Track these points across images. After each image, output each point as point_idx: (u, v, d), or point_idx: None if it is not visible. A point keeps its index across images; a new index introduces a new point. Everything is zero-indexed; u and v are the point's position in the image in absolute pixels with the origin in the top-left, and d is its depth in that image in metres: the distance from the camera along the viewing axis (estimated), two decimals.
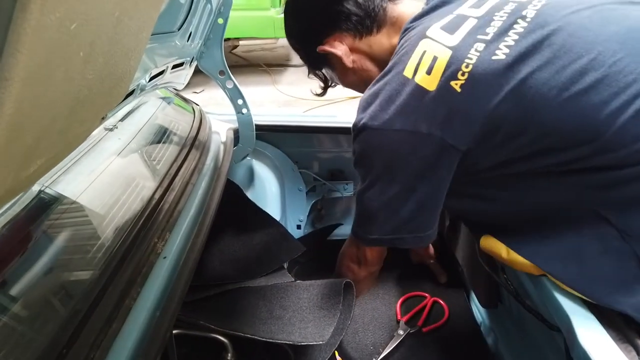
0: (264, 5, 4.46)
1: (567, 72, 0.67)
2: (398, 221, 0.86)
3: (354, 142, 0.84)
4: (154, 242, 0.79)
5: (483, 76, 0.70)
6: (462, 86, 0.71)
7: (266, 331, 0.89)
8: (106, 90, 0.56)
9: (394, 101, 0.77)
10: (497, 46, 0.71)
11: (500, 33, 0.73)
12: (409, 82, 0.76)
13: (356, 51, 0.96)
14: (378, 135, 0.79)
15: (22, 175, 0.44)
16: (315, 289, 1.01)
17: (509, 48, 0.70)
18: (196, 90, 4.55)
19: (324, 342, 0.85)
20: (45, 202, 0.76)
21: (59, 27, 0.36)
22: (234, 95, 1.38)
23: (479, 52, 0.72)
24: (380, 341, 1.24)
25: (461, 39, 0.74)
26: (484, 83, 0.70)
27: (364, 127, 0.80)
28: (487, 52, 0.71)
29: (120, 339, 0.60)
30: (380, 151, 0.80)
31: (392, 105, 0.77)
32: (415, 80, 0.75)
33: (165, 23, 0.92)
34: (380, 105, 0.78)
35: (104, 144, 1.03)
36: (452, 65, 0.72)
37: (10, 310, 0.59)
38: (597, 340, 0.69)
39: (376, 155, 0.81)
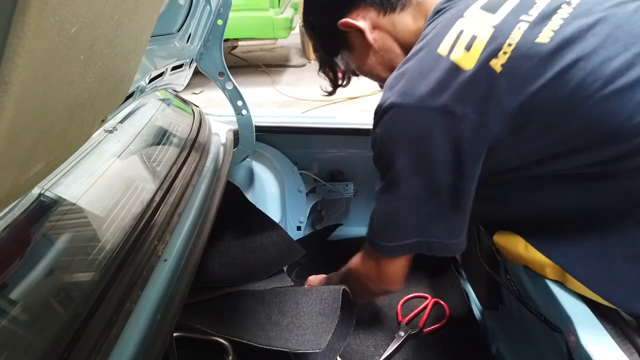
0: (262, 6, 4.46)
1: (613, 64, 0.63)
2: (424, 220, 0.77)
3: (377, 126, 0.76)
4: (154, 244, 0.79)
5: (525, 58, 0.66)
6: (503, 65, 0.66)
7: (264, 337, 0.88)
8: (106, 93, 0.56)
9: (426, 78, 0.71)
10: (541, 29, 0.67)
11: (544, 16, 0.69)
12: (443, 60, 0.71)
13: (379, 28, 0.91)
14: (407, 114, 0.72)
15: (22, 178, 0.44)
16: (314, 294, 1.01)
17: (554, 32, 0.67)
18: (195, 91, 4.55)
19: (321, 350, 0.84)
20: (45, 205, 0.76)
21: (59, 31, 0.36)
22: (233, 96, 1.37)
23: (522, 32, 0.68)
24: (381, 342, 1.24)
25: (503, 18, 0.70)
26: (526, 65, 0.66)
27: (390, 106, 0.73)
28: (531, 34, 0.67)
29: (120, 343, 0.60)
30: (407, 134, 0.72)
31: (424, 82, 0.70)
32: (451, 57, 0.70)
33: (164, 25, 0.92)
34: (411, 82, 0.72)
35: (104, 146, 1.03)
36: (493, 43, 0.68)
37: (10, 313, 0.59)
38: (599, 341, 0.69)
39: (402, 139, 0.73)
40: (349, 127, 1.51)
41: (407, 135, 0.73)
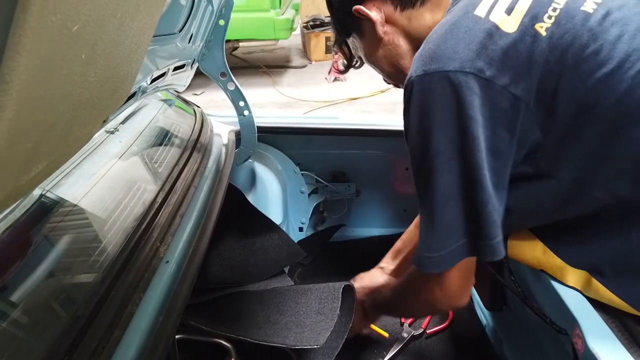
0: (263, 7, 4.45)
1: None
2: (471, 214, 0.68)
3: (406, 105, 0.69)
4: (156, 246, 0.79)
5: (571, 24, 0.62)
6: (547, 30, 0.62)
7: (262, 334, 0.88)
8: (108, 93, 0.56)
9: (463, 40, 0.64)
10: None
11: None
12: (482, 21, 0.65)
13: (392, 23, 0.87)
14: (441, 81, 0.64)
15: (23, 179, 0.43)
16: (313, 293, 1.00)
17: (597, 4, 0.64)
18: (196, 92, 4.55)
19: (319, 346, 0.83)
20: (46, 206, 0.75)
21: (60, 29, 0.35)
22: (235, 97, 1.37)
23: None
24: (383, 345, 1.23)
25: None
26: (571, 32, 0.62)
27: (423, 73, 0.65)
28: (576, 1, 0.64)
29: (122, 346, 0.59)
30: (441, 103, 0.64)
31: (461, 45, 0.64)
32: (491, 19, 0.65)
33: (166, 25, 0.91)
34: (445, 46, 0.65)
35: (105, 147, 1.02)
36: (537, 6, 0.64)
37: (11, 316, 0.58)
38: (605, 343, 0.68)
39: (439, 109, 0.65)
40: (351, 128, 1.51)
41: (441, 105, 0.65)
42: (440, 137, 0.66)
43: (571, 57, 0.62)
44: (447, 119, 0.65)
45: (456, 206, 0.68)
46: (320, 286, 1.03)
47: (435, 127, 0.66)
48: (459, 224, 0.69)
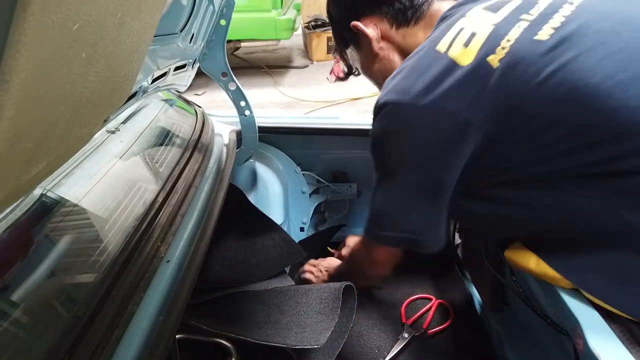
0: (265, 7, 4.45)
1: (614, 58, 0.62)
2: (416, 216, 0.80)
3: (374, 121, 0.79)
4: (157, 245, 0.79)
5: (523, 54, 0.65)
6: (500, 61, 0.66)
7: (262, 334, 0.88)
8: (108, 93, 0.55)
9: (422, 75, 0.71)
10: (541, 27, 0.67)
11: (545, 14, 0.69)
12: (441, 57, 0.71)
13: (388, 40, 0.93)
14: (401, 111, 0.73)
15: (23, 179, 0.43)
16: (314, 294, 1.00)
17: (554, 29, 0.66)
18: (198, 92, 4.55)
19: (319, 346, 0.83)
20: (46, 206, 0.75)
21: (60, 28, 0.35)
22: (236, 97, 1.37)
23: (521, 30, 0.68)
24: (385, 344, 1.23)
25: (504, 17, 0.71)
26: (523, 62, 0.65)
27: (385, 103, 0.74)
28: (530, 32, 0.67)
29: (123, 346, 0.59)
30: (399, 130, 0.74)
31: (420, 80, 0.71)
32: (449, 54, 0.70)
33: (167, 24, 0.91)
34: (407, 79, 0.73)
35: (106, 146, 1.02)
36: (491, 40, 0.68)
37: (11, 316, 0.58)
38: (606, 344, 0.68)
39: (395, 135, 0.75)
40: (352, 128, 1.51)
41: (398, 132, 0.74)
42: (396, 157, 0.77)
43: (524, 84, 0.65)
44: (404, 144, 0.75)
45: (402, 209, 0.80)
46: (321, 286, 1.03)
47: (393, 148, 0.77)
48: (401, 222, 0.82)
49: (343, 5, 0.97)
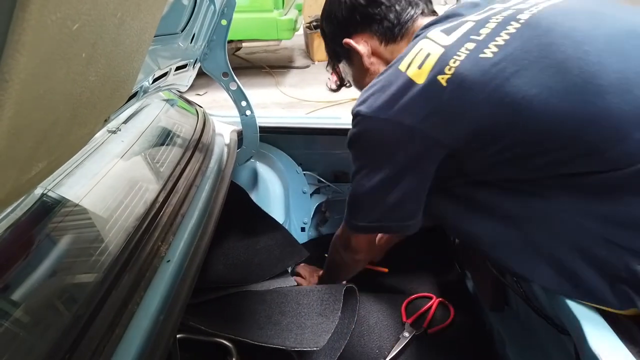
0: (266, 7, 4.45)
1: (551, 71, 0.67)
2: (383, 209, 0.88)
3: (351, 128, 0.87)
4: (158, 245, 0.79)
5: (469, 72, 0.71)
6: (448, 80, 0.72)
7: (262, 335, 0.88)
8: (108, 92, 0.56)
9: (385, 91, 0.79)
10: (487, 45, 0.73)
11: (492, 34, 0.74)
12: (401, 75, 0.79)
13: (377, 55, 1.00)
14: (368, 122, 0.81)
15: (24, 178, 0.43)
16: (315, 295, 1.00)
17: (498, 47, 0.72)
18: (199, 92, 4.55)
19: (318, 348, 0.83)
20: (47, 205, 0.76)
21: (60, 28, 0.35)
22: (237, 97, 1.37)
23: (468, 51, 0.74)
24: (385, 344, 1.23)
25: (455, 40, 0.77)
26: (469, 79, 0.71)
27: (357, 113, 0.83)
28: (476, 51, 0.73)
29: (123, 345, 0.59)
30: (368, 138, 0.83)
31: (383, 95, 0.79)
32: (407, 73, 0.78)
33: (168, 24, 0.91)
34: (374, 95, 0.81)
35: (107, 146, 1.02)
36: (441, 61, 0.74)
37: (12, 315, 0.58)
38: (607, 344, 0.68)
39: (365, 141, 0.85)
40: None
41: (369, 139, 0.84)
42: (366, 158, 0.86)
43: (470, 98, 0.71)
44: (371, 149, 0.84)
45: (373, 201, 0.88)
46: (322, 287, 1.03)
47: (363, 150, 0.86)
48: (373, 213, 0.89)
49: (336, 22, 1.03)
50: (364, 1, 0.97)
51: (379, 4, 0.96)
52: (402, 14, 0.96)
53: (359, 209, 0.92)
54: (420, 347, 1.22)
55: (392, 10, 0.96)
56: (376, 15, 0.96)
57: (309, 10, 5.79)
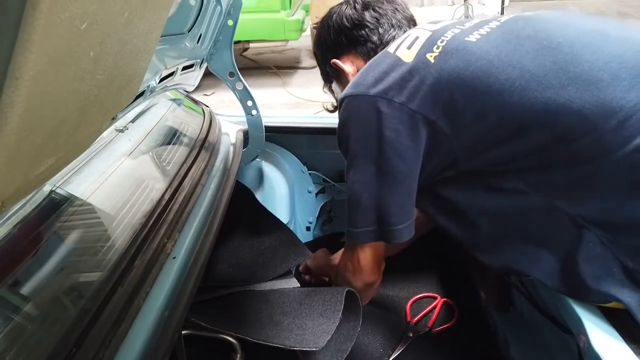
0: (274, 8, 4.47)
1: (529, 57, 0.72)
2: (381, 205, 0.85)
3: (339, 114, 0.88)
4: (164, 242, 0.80)
5: (455, 50, 0.77)
6: (435, 57, 0.78)
7: (263, 334, 0.88)
8: (116, 91, 0.57)
9: (374, 71, 0.83)
10: (472, 32, 0.80)
11: (475, 27, 0.82)
12: (389, 55, 0.84)
13: None
14: (355, 102, 0.83)
15: (32, 174, 0.44)
16: (317, 296, 1.00)
17: (481, 35, 0.79)
18: (207, 92, 4.57)
19: (318, 348, 0.83)
20: (56, 202, 0.77)
21: (69, 27, 0.36)
22: (243, 96, 1.38)
23: (454, 33, 0.81)
24: (389, 343, 1.23)
25: (441, 27, 0.85)
26: (455, 57, 0.76)
27: (343, 97, 0.85)
28: (461, 35, 0.80)
29: (129, 339, 0.60)
30: (356, 120, 0.83)
31: (371, 74, 0.83)
32: (396, 53, 0.83)
33: (175, 24, 0.92)
34: (361, 76, 0.85)
35: (115, 144, 1.04)
36: (429, 41, 0.81)
37: (20, 309, 0.59)
38: (610, 343, 0.68)
39: (352, 124, 0.84)
40: None
41: (356, 121, 0.84)
42: (356, 144, 0.84)
43: (456, 76, 0.75)
44: (360, 130, 0.83)
45: (369, 198, 0.85)
46: (324, 289, 1.03)
47: (352, 136, 0.85)
48: (370, 213, 0.86)
49: (325, 46, 1.10)
50: (350, 24, 1.03)
51: (363, 27, 1.02)
52: (384, 35, 1.02)
53: (357, 211, 0.89)
54: (424, 347, 1.22)
55: (376, 32, 1.02)
56: (360, 37, 1.03)
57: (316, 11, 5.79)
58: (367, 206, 0.87)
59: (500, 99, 0.72)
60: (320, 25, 1.12)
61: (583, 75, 0.69)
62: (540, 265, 0.78)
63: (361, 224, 0.89)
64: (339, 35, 1.05)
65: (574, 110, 0.68)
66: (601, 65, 0.69)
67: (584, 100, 0.68)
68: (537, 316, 0.98)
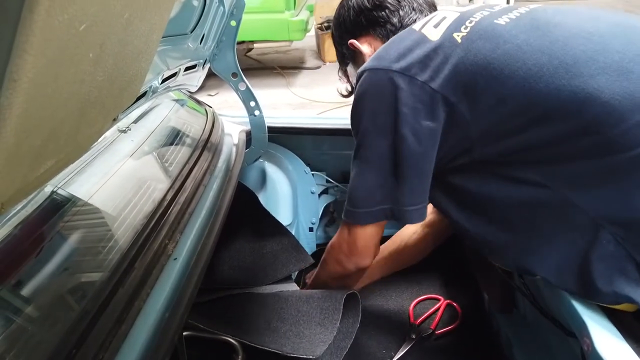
0: (278, 8, 4.47)
1: (558, 44, 0.70)
2: (390, 185, 0.83)
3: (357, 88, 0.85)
4: (165, 243, 0.80)
5: (483, 32, 0.75)
6: (463, 38, 0.76)
7: (260, 340, 0.88)
8: (117, 92, 0.57)
9: (397, 46, 0.81)
10: (500, 16, 0.78)
11: (503, 10, 0.81)
12: (414, 32, 0.82)
13: None
14: (375, 75, 0.81)
15: (32, 175, 0.44)
16: (315, 302, 0.99)
17: (510, 19, 0.77)
18: (211, 93, 4.58)
19: (315, 357, 0.83)
20: (58, 203, 0.77)
21: (67, 28, 0.36)
22: (246, 97, 1.38)
23: (482, 15, 0.80)
24: (392, 345, 1.23)
25: (469, 9, 0.84)
26: (483, 38, 0.75)
27: (363, 70, 0.83)
28: (490, 17, 0.78)
29: (129, 340, 0.60)
30: (373, 92, 0.81)
31: (394, 49, 0.81)
32: (422, 31, 0.81)
33: (177, 25, 0.92)
34: (384, 50, 0.83)
35: (117, 145, 1.04)
36: (458, 21, 0.79)
37: (21, 309, 0.59)
38: (613, 346, 0.67)
39: (369, 98, 0.82)
40: None
41: (372, 94, 0.81)
42: (369, 120, 0.82)
43: (482, 57, 0.73)
44: (375, 105, 0.81)
45: (378, 177, 0.83)
46: (322, 294, 1.01)
47: (366, 110, 0.82)
48: (378, 192, 0.84)
49: (344, 27, 1.09)
50: (370, 5, 1.02)
51: (384, 8, 1.01)
52: (405, 17, 1.01)
53: (359, 191, 0.86)
54: (427, 349, 1.22)
55: (396, 14, 1.01)
56: (380, 18, 1.02)
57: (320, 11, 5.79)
58: (374, 185, 0.84)
59: (526, 85, 0.70)
60: (340, 6, 1.11)
61: (613, 66, 0.67)
62: (549, 263, 0.77)
63: (366, 203, 0.86)
64: (358, 16, 1.04)
65: (602, 101, 0.65)
66: (632, 57, 0.67)
67: (613, 91, 0.65)
68: (540, 319, 0.97)
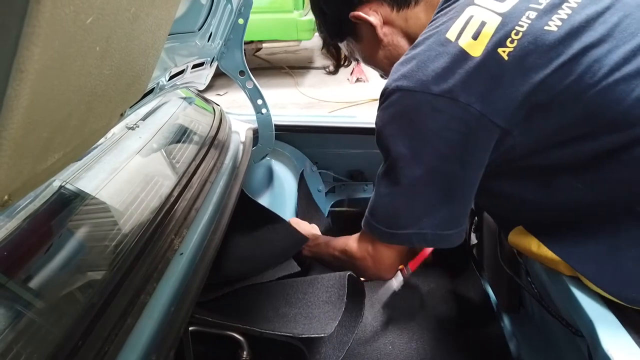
0: (286, 8, 4.47)
1: (619, 51, 0.63)
2: (420, 211, 0.76)
3: (380, 109, 0.76)
4: (171, 238, 0.80)
5: (533, 46, 0.65)
6: (509, 54, 0.66)
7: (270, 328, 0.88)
8: (123, 87, 0.57)
9: (433, 62, 0.70)
10: (550, 17, 0.67)
11: (553, 5, 0.68)
12: (451, 45, 0.70)
13: (390, 24, 0.90)
14: (410, 97, 0.70)
15: (39, 168, 0.45)
16: (320, 283, 0.99)
17: (562, 21, 0.66)
18: (219, 92, 4.60)
19: (326, 334, 0.82)
20: (65, 197, 0.78)
21: (74, 21, 0.36)
22: (253, 95, 1.38)
23: (530, 20, 0.67)
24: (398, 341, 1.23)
25: (512, 6, 0.70)
26: (534, 54, 0.65)
27: (395, 89, 0.72)
28: (539, 22, 0.67)
29: (134, 334, 0.60)
30: (412, 117, 0.71)
31: (431, 67, 0.69)
32: (459, 43, 0.69)
33: (185, 23, 0.93)
34: (417, 67, 0.71)
35: (125, 142, 1.05)
36: (501, 31, 0.67)
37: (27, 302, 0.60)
38: (620, 345, 0.67)
39: (404, 122, 0.72)
40: (368, 127, 1.51)
41: (409, 119, 0.72)
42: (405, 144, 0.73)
43: (535, 75, 0.65)
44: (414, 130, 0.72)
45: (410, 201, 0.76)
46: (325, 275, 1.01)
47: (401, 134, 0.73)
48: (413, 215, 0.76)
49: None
50: None
51: None
52: None
53: (389, 212, 0.79)
54: (434, 346, 1.22)
55: None
56: None
57: None
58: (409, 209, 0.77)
59: (582, 97, 0.64)
60: None
61: None
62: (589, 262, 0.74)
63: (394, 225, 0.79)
64: None
65: None
66: None
67: None
68: (547, 318, 0.97)
